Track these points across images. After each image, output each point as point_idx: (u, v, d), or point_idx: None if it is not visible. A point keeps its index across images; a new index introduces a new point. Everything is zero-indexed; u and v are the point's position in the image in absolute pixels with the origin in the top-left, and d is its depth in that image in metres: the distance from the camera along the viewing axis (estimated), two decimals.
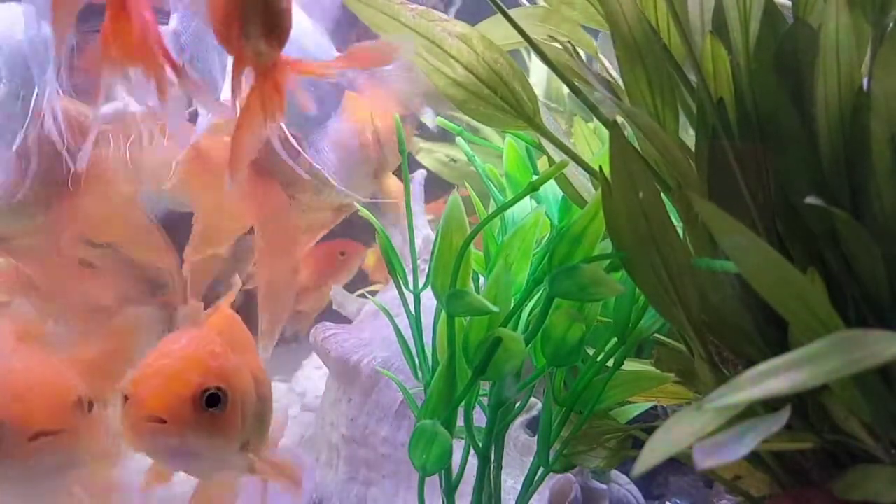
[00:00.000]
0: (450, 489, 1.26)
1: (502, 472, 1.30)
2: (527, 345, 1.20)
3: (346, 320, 1.96)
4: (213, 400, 1.07)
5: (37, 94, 1.41)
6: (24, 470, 1.15)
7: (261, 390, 1.26)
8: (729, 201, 0.98)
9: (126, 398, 1.08)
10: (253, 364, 1.27)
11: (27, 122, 1.42)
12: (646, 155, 1.04)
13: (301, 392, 2.13)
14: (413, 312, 1.33)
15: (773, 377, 0.74)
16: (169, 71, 0.84)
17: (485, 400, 1.28)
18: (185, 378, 1.07)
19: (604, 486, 1.46)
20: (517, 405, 1.30)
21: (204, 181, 1.49)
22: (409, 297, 1.35)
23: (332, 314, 2.05)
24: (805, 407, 0.97)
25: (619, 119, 1.04)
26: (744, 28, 1.01)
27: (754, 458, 1.07)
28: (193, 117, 1.44)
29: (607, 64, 1.28)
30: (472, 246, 1.19)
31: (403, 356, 1.36)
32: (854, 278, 0.95)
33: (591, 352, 1.26)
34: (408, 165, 1.37)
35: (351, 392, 1.58)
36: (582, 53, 1.24)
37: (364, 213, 1.43)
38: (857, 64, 0.94)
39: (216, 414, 1.08)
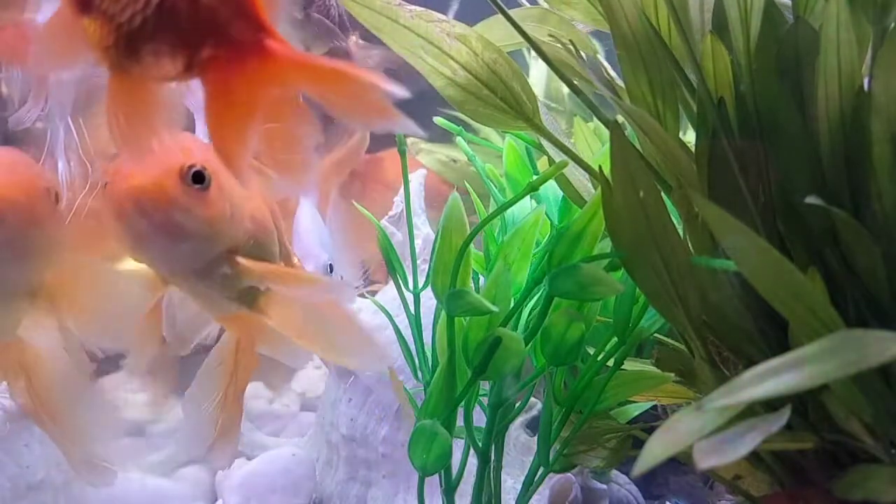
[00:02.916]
0: (450, 489, 1.26)
1: (502, 472, 1.30)
2: (526, 344, 1.20)
3: None
4: (198, 177, 1.03)
5: None
6: None
7: (259, 232, 1.19)
8: (729, 201, 0.98)
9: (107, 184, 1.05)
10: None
11: None
12: (646, 154, 1.04)
13: (301, 392, 2.13)
14: (413, 312, 1.34)
15: (773, 377, 0.74)
16: None
17: (485, 400, 1.28)
18: (168, 156, 1.03)
19: (604, 486, 1.46)
20: (517, 405, 1.30)
21: None
22: (408, 297, 1.35)
23: None
24: (805, 407, 0.97)
25: (620, 119, 1.04)
26: (744, 28, 1.01)
27: (754, 457, 1.07)
28: None
29: (607, 64, 1.28)
30: (471, 246, 1.19)
31: (403, 356, 1.36)
32: (854, 278, 0.95)
33: (591, 351, 1.26)
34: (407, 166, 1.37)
35: (351, 392, 1.58)
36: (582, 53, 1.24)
37: (364, 213, 1.43)
38: (857, 64, 0.93)
39: (201, 192, 1.04)
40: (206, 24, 0.81)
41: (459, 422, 1.24)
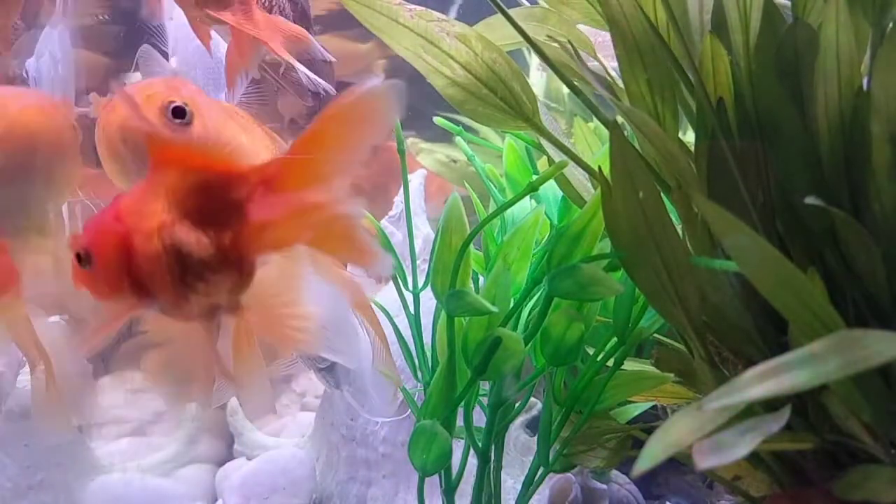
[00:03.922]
0: (450, 489, 1.26)
1: (502, 472, 1.30)
2: (526, 344, 1.20)
3: None
4: (178, 112, 1.11)
5: None
6: None
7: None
8: (728, 201, 0.97)
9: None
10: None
11: None
12: (646, 155, 1.04)
13: (301, 392, 2.13)
14: (412, 312, 1.34)
15: (773, 377, 0.74)
16: None
17: (484, 400, 1.28)
18: (153, 90, 1.13)
19: (604, 486, 1.46)
20: (517, 405, 1.30)
21: None
22: (407, 297, 1.35)
23: None
24: (805, 407, 0.97)
25: (620, 119, 1.04)
26: (743, 28, 1.01)
27: (754, 458, 1.07)
28: None
29: (607, 64, 1.28)
30: (471, 245, 1.19)
31: (403, 356, 1.36)
32: (854, 278, 0.95)
33: (590, 351, 1.26)
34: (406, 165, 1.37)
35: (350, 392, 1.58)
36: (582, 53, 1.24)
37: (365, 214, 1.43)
38: (856, 64, 0.93)
39: (182, 126, 1.11)
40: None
41: (459, 422, 1.24)
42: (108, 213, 0.90)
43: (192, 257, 0.88)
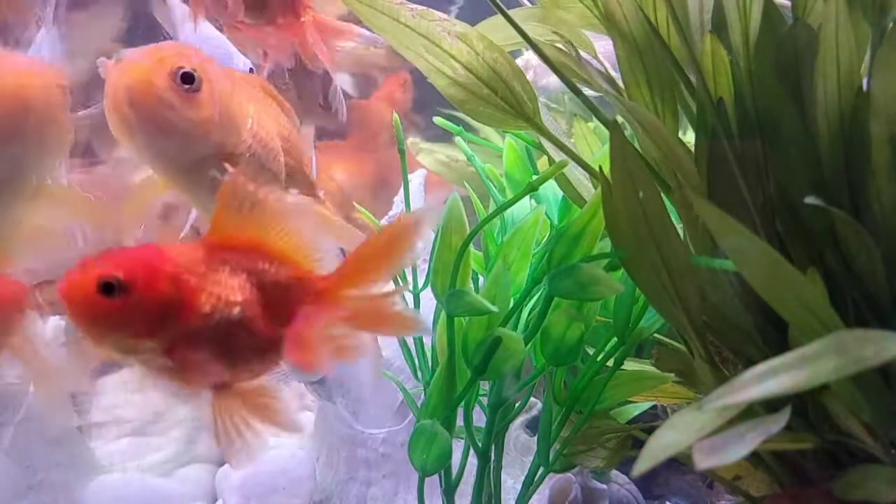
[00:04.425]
0: (450, 489, 1.26)
1: (502, 472, 1.30)
2: (526, 344, 1.20)
3: None
4: (187, 77, 1.11)
5: None
6: None
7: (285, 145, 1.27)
8: (729, 201, 0.98)
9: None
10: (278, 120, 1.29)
11: None
12: (646, 155, 1.04)
13: (301, 392, 2.13)
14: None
15: (773, 377, 0.74)
16: None
17: (485, 400, 1.28)
18: (163, 57, 1.12)
19: (604, 486, 1.46)
20: (517, 405, 1.30)
21: None
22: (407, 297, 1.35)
23: None
24: (805, 407, 0.97)
25: (620, 119, 1.04)
26: (743, 28, 1.01)
27: (754, 458, 1.07)
28: None
29: (607, 64, 1.28)
30: (471, 246, 1.19)
31: (403, 356, 1.36)
32: (854, 278, 0.95)
33: (591, 351, 1.26)
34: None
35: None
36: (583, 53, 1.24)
37: (362, 212, 1.43)
38: (856, 64, 0.93)
39: (189, 92, 1.11)
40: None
41: (459, 422, 1.24)
42: (150, 250, 0.88)
43: (236, 335, 0.89)
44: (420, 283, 1.35)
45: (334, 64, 1.58)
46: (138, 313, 0.84)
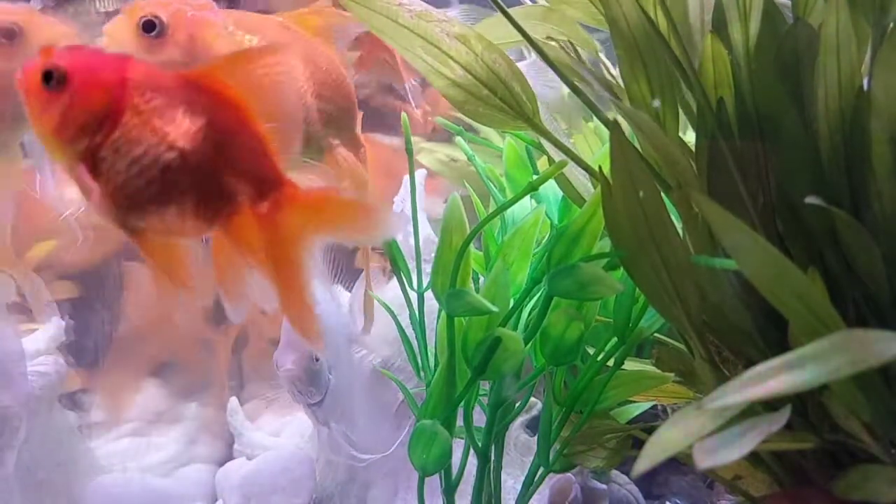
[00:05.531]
0: (450, 489, 1.26)
1: (502, 472, 1.30)
2: (526, 344, 1.20)
3: None
4: (148, 26, 1.16)
5: None
6: None
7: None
8: (729, 201, 0.98)
9: None
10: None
11: None
12: (646, 155, 1.04)
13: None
14: (416, 312, 1.34)
15: (773, 377, 0.74)
16: None
17: (485, 400, 1.28)
18: (137, 4, 1.18)
19: (604, 486, 1.46)
20: (517, 405, 1.30)
21: None
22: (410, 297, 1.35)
23: None
24: (805, 407, 0.97)
25: (620, 118, 1.04)
26: (744, 28, 1.01)
27: (754, 458, 1.07)
28: None
29: (608, 64, 1.28)
30: (471, 245, 1.19)
31: (406, 355, 1.36)
32: (854, 278, 0.95)
33: (591, 351, 1.26)
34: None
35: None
36: (583, 53, 1.24)
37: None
38: (857, 64, 0.93)
39: (155, 39, 1.17)
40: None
41: (459, 422, 1.24)
42: (119, 58, 0.85)
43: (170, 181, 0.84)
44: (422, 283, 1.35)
45: None
46: (67, 108, 0.84)
